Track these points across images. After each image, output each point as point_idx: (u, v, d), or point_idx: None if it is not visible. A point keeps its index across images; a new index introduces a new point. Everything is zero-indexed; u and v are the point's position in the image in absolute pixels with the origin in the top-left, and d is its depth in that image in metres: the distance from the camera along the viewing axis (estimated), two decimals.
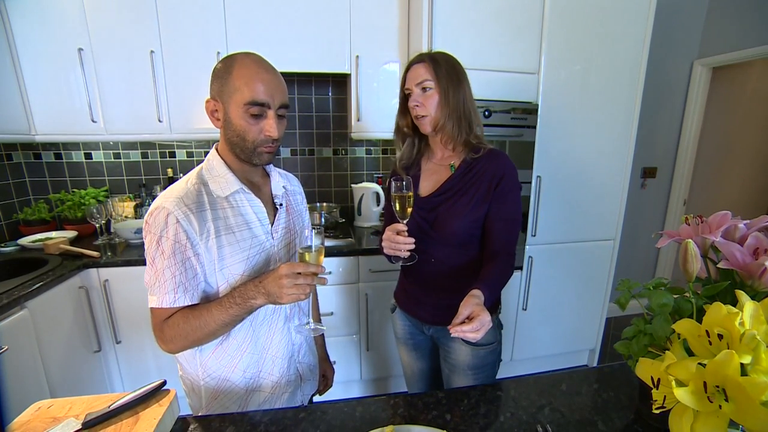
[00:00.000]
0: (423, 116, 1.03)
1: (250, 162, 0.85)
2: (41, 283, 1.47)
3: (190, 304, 0.81)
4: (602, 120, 2.02)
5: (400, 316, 1.24)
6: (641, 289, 0.67)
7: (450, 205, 1.04)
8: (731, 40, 2.51)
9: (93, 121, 1.84)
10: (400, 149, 1.16)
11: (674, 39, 2.63)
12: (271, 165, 0.97)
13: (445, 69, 1.00)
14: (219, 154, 0.87)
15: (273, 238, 0.90)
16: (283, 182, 0.99)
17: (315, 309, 1.20)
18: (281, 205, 0.94)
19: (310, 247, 0.81)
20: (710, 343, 0.52)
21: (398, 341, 1.28)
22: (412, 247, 0.97)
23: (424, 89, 1.01)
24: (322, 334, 1.21)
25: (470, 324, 0.81)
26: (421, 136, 1.12)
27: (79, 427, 0.66)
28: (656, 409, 0.54)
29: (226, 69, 0.79)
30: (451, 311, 0.89)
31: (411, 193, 0.97)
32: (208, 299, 0.84)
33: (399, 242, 0.97)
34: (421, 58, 1.03)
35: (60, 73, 1.79)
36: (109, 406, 0.69)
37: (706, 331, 0.52)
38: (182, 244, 0.78)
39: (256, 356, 0.91)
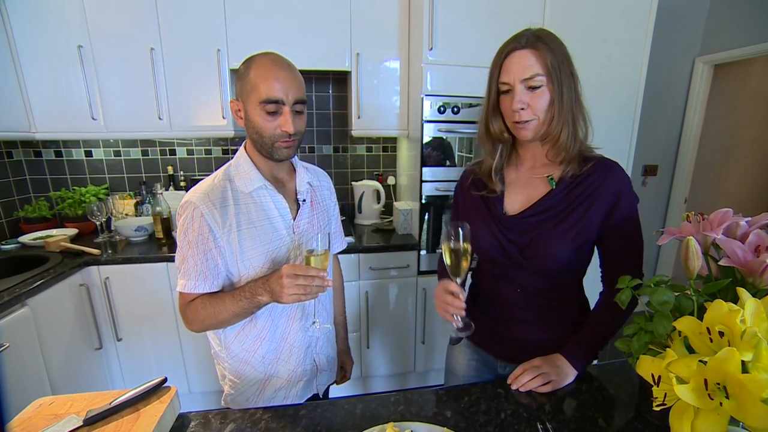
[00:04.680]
0: (529, 120, 0.80)
1: (271, 157, 0.88)
2: (42, 281, 1.47)
3: (209, 291, 0.87)
4: (603, 117, 2.01)
5: (465, 351, 1.03)
6: (642, 285, 0.67)
7: (549, 228, 0.84)
8: (733, 37, 2.50)
9: (93, 118, 1.84)
10: (491, 157, 0.90)
11: (676, 36, 2.62)
12: (298, 160, 1.01)
13: (560, 56, 0.76)
14: (246, 152, 0.91)
15: (294, 232, 0.93)
16: (308, 178, 1.00)
17: (340, 300, 1.24)
18: (304, 200, 0.97)
19: (314, 250, 0.82)
20: (711, 341, 0.52)
21: (453, 378, 1.06)
22: (463, 313, 0.80)
23: (532, 87, 0.77)
24: (345, 328, 1.25)
25: (526, 373, 0.81)
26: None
27: (80, 424, 0.66)
28: (657, 406, 0.54)
29: (246, 69, 0.83)
30: (536, 350, 0.87)
31: (468, 245, 0.78)
32: (233, 286, 0.90)
33: (448, 302, 0.80)
34: (528, 41, 0.77)
35: (60, 70, 1.78)
36: (110, 403, 0.69)
37: (707, 328, 0.52)
38: (205, 236, 0.84)
39: (275, 344, 0.95)
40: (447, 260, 0.80)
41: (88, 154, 2.19)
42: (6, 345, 1.27)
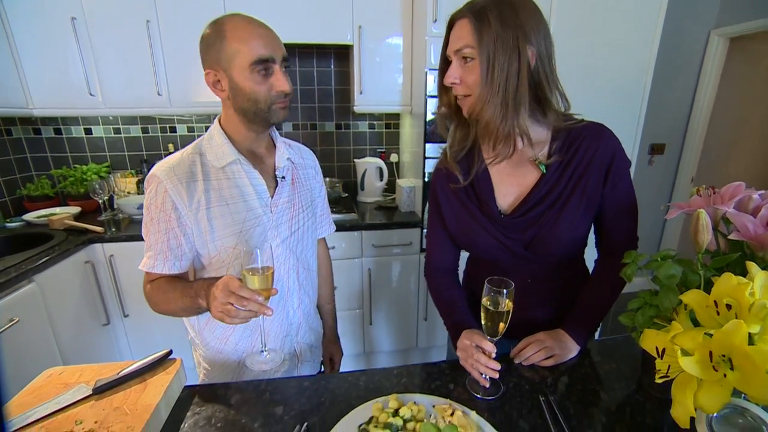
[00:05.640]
0: (465, 96, 0.76)
1: (267, 123, 0.83)
2: (48, 258, 1.49)
3: (168, 273, 0.83)
4: (610, 95, 1.96)
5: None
6: (648, 260, 0.67)
7: (552, 217, 0.79)
8: (752, 8, 2.40)
9: (91, 94, 1.81)
10: (449, 136, 0.86)
11: (691, 8, 2.52)
12: (278, 135, 0.95)
13: (497, 28, 0.68)
14: (220, 125, 0.85)
15: (272, 211, 0.87)
16: (288, 154, 0.92)
17: (329, 286, 1.17)
18: (283, 177, 0.90)
19: (255, 268, 0.71)
20: (718, 314, 0.51)
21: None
22: (497, 376, 0.73)
23: (465, 58, 0.73)
24: (334, 316, 1.17)
25: (530, 347, 0.81)
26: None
27: (89, 392, 0.67)
28: (660, 378, 0.54)
29: (218, 34, 0.76)
30: (546, 327, 0.85)
31: (510, 305, 0.70)
32: (205, 269, 0.86)
33: (481, 362, 0.73)
34: (471, 10, 0.71)
35: (54, 43, 1.74)
36: (117, 373, 0.70)
37: (715, 301, 0.52)
38: (167, 213, 0.79)
39: (249, 331, 0.90)
40: (484, 320, 0.73)
41: (88, 131, 2.17)
42: (16, 319, 1.30)
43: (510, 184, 0.84)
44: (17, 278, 1.34)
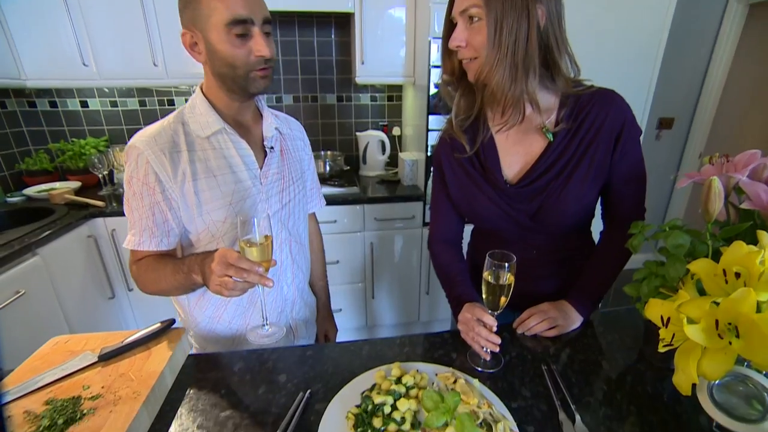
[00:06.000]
0: (471, 59, 0.72)
1: (246, 92, 0.78)
2: (50, 231, 1.49)
3: (156, 250, 0.79)
4: (620, 63, 1.89)
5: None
6: (655, 230, 0.65)
7: (558, 187, 0.78)
8: None
9: (84, 64, 1.76)
10: (454, 104, 0.82)
11: None
12: (265, 104, 0.90)
13: None
14: (203, 92, 0.80)
15: (261, 183, 0.84)
16: (276, 124, 0.89)
17: (320, 263, 1.15)
18: (272, 148, 0.86)
19: (251, 239, 0.69)
20: (726, 282, 0.51)
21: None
22: (497, 349, 0.73)
23: (471, 19, 0.70)
24: (328, 293, 1.17)
25: (533, 317, 0.81)
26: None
27: (95, 359, 0.68)
28: (663, 347, 0.54)
29: None
30: (552, 297, 0.85)
31: (512, 279, 0.70)
32: (193, 245, 0.83)
33: (482, 335, 0.73)
34: None
35: (43, 10, 1.67)
36: (122, 342, 0.71)
37: (723, 270, 0.51)
38: (150, 186, 0.75)
39: (242, 308, 0.89)
40: (485, 293, 0.72)
41: (84, 104, 2.12)
42: (22, 291, 1.31)
43: (516, 152, 0.82)
44: (21, 251, 1.35)
